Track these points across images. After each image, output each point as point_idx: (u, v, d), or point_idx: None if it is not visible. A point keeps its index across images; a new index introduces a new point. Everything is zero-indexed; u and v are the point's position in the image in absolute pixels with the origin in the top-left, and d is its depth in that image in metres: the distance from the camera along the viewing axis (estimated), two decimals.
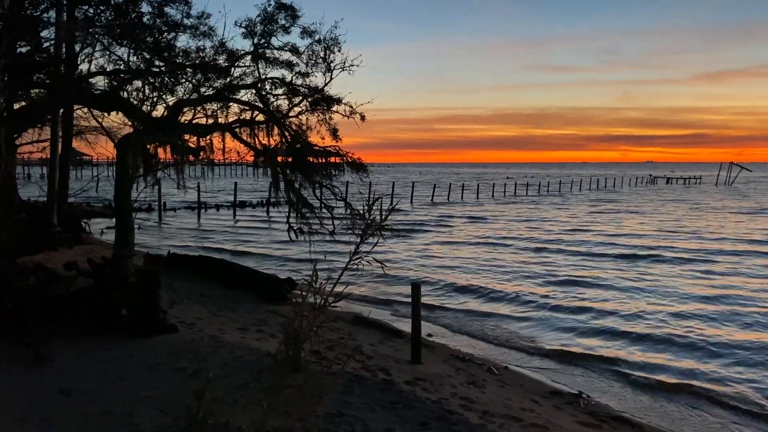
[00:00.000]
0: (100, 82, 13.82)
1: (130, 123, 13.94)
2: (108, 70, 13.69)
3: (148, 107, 14.12)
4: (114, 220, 13.72)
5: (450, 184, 74.89)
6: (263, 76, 14.92)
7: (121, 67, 13.72)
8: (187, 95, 14.56)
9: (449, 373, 10.43)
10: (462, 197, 64.89)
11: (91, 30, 12.58)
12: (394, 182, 65.47)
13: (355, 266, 4.77)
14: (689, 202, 62.85)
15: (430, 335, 13.80)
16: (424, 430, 7.12)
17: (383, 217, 4.79)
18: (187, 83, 14.60)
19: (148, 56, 13.86)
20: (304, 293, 7.18)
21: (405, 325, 13.25)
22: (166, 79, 14.28)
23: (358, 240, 4.77)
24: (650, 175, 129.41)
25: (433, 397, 8.51)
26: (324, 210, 15.35)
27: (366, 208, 6.32)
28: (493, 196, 68.82)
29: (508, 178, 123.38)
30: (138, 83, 14.15)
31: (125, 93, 14.04)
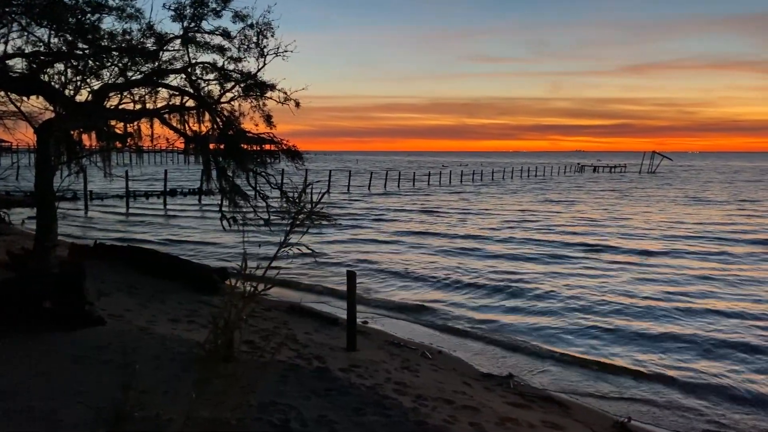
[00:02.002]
0: (18, 64, 13.12)
1: (51, 108, 13.33)
2: (27, 52, 13.00)
3: (71, 91, 13.54)
4: (36, 209, 13.10)
5: (387, 172, 75.21)
6: (193, 61, 14.55)
7: (41, 49, 13.07)
8: (113, 79, 14.04)
9: (384, 359, 10.56)
10: (398, 186, 65.32)
11: (6, 9, 11.88)
12: (330, 170, 65.25)
13: (285, 254, 4.74)
14: (624, 191, 65.45)
15: (365, 322, 13.89)
16: (358, 415, 7.19)
17: (314, 203, 4.78)
18: (113, 67, 14.07)
19: (70, 38, 13.24)
20: (235, 282, 7.11)
21: (341, 313, 13.30)
22: (91, 62, 13.71)
23: (288, 228, 4.74)
24: (578, 164, 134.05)
25: (368, 383, 8.60)
26: (259, 198, 15.15)
27: (296, 194, 6.29)
28: (429, 184, 69.59)
29: (443, 166, 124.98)
30: (60, 66, 13.54)
31: (46, 76, 13.39)
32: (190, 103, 14.68)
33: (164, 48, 14.27)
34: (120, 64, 13.91)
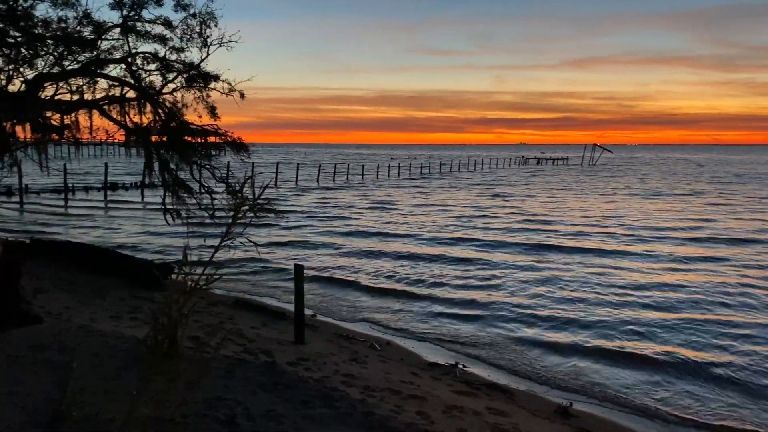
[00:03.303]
0: None
1: None
2: None
3: (3, 81, 12.98)
4: None
5: (335, 165, 74.93)
6: (134, 51, 14.16)
7: None
8: (48, 69, 13.52)
9: (333, 352, 10.57)
10: (347, 179, 65.23)
11: None
12: (278, 163, 64.57)
13: (227, 248, 4.68)
14: (568, 183, 67.09)
15: (314, 315, 13.87)
16: (306, 409, 7.18)
17: (257, 196, 4.74)
18: (48, 56, 13.55)
19: (1, 25, 12.67)
20: (177, 277, 6.99)
21: (289, 307, 13.22)
22: (24, 51, 13.16)
23: (231, 221, 4.68)
24: (523, 156, 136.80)
25: (316, 375, 8.60)
26: (203, 192, 14.89)
27: (238, 187, 6.23)
28: (377, 177, 69.73)
29: (392, 159, 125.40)
30: None
31: None
32: (131, 94, 14.30)
33: (102, 37, 13.83)
34: (55, 53, 13.41)
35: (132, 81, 14.02)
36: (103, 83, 14.39)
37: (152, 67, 14.47)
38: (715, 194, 49.58)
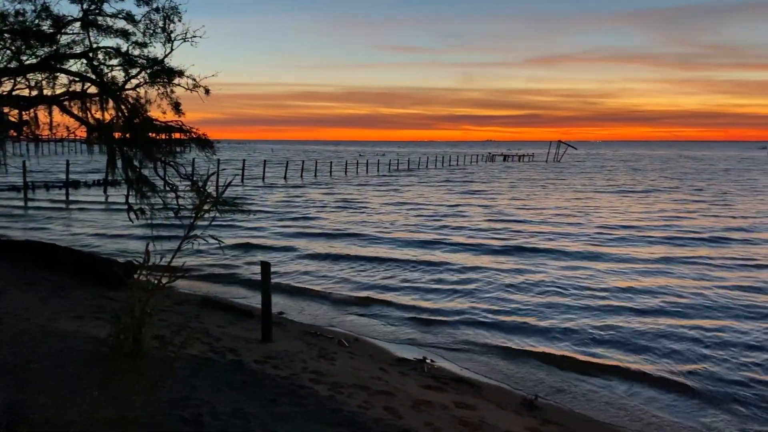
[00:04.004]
0: None
1: None
2: None
3: None
4: None
5: (303, 162, 74.49)
6: (95, 45, 13.89)
7: None
8: (6, 63, 13.17)
9: (300, 349, 10.52)
10: (315, 175, 64.95)
11: None
12: (244, 160, 63.95)
13: (191, 245, 4.63)
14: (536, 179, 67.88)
15: (282, 313, 13.79)
16: (273, 406, 7.14)
17: (219, 192, 4.69)
18: (5, 50, 13.21)
19: None
20: (140, 276, 6.88)
21: (256, 305, 13.10)
22: None
23: (193, 218, 4.63)
24: (489, 153, 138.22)
25: (283, 373, 8.56)
26: (168, 189, 14.68)
27: (200, 183, 6.16)
28: (345, 174, 69.60)
29: (360, 155, 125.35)
30: None
31: None
32: (92, 89, 14.01)
33: (62, 31, 13.54)
34: (13, 47, 13.08)
35: (93, 76, 13.76)
36: (63, 78, 14.10)
37: (114, 62, 14.23)
38: (682, 191, 50.46)
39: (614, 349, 12.11)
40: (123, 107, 13.89)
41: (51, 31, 13.40)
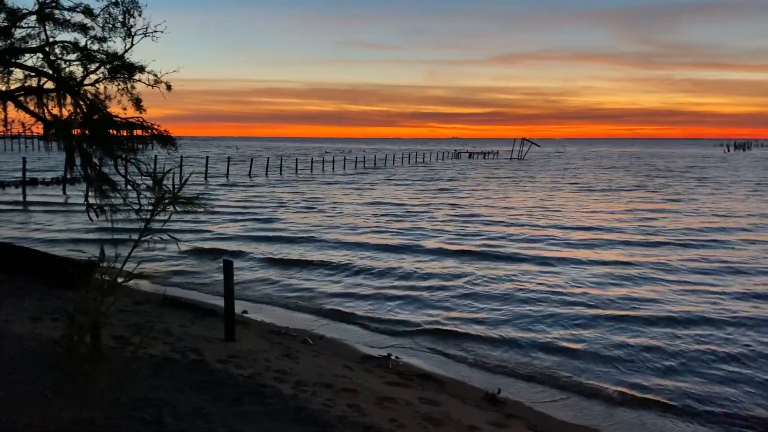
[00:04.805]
0: None
1: None
2: None
3: None
4: None
5: (268, 159, 73.78)
6: (52, 39, 13.54)
7: None
8: None
9: (264, 348, 10.45)
10: (281, 173, 64.48)
11: None
12: (207, 157, 63.14)
13: (147, 242, 4.57)
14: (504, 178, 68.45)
15: (245, 312, 13.68)
16: (236, 406, 7.10)
17: (177, 189, 4.64)
18: None
19: None
20: (99, 276, 6.75)
21: (219, 304, 12.94)
22: None
23: (149, 215, 4.57)
24: (455, 151, 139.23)
25: (246, 372, 8.50)
26: (129, 187, 14.42)
27: (157, 179, 6.07)
28: (311, 171, 69.27)
29: (326, 152, 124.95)
30: None
31: None
32: (49, 85, 13.68)
33: (17, 24, 13.17)
34: None
35: (50, 71, 13.42)
36: (18, 73, 13.73)
37: (72, 57, 13.92)
38: (648, 188, 50.94)
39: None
40: (81, 103, 13.60)
41: (5, 24, 13.04)
